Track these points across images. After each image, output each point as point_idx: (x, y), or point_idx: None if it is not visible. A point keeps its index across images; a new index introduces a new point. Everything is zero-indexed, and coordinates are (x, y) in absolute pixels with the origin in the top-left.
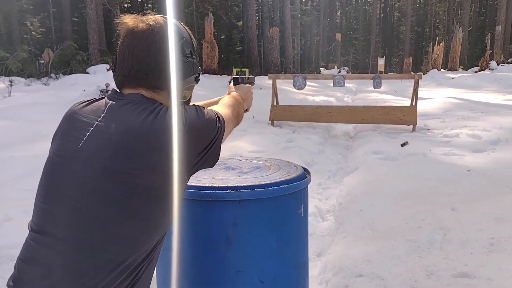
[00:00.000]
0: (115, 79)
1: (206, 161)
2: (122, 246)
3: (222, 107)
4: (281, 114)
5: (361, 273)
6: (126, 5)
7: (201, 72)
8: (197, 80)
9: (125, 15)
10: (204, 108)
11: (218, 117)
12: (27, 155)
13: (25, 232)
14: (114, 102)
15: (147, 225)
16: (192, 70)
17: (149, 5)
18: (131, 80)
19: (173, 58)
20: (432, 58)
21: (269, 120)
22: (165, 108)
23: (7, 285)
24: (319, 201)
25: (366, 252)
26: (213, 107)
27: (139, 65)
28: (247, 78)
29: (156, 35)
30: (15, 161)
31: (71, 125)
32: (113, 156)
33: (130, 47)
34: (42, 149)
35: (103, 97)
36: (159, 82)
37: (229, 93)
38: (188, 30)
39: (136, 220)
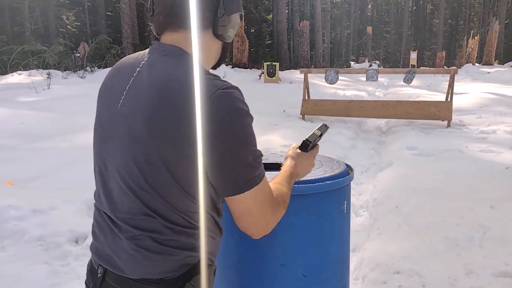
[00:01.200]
0: (155, 23)
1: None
2: (170, 210)
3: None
4: (313, 108)
5: (398, 269)
6: None
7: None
8: (241, 18)
9: None
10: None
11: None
12: (68, 146)
13: (71, 221)
14: (153, 52)
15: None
16: (238, 6)
17: None
18: (174, 19)
19: None
20: (466, 52)
21: (301, 114)
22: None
23: (90, 247)
24: (353, 197)
25: (403, 248)
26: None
27: (180, 1)
28: (319, 137)
29: None
30: (57, 151)
31: (110, 85)
32: (145, 115)
33: None
34: (82, 140)
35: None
36: (204, 19)
37: (290, 161)
38: None
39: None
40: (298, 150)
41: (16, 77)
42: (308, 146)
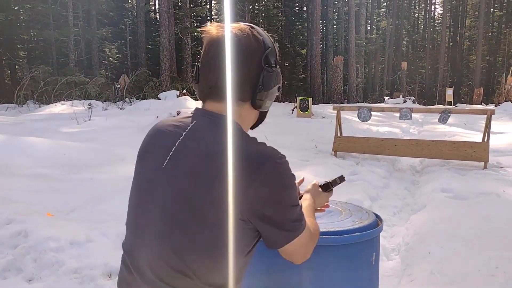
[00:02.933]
0: (199, 91)
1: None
2: (210, 270)
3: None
4: (345, 145)
5: None
6: (196, 34)
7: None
8: (279, 89)
9: (209, 24)
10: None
11: (302, 216)
12: (107, 178)
13: (105, 255)
14: (197, 121)
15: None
16: (276, 80)
17: None
18: (217, 91)
19: (257, 69)
20: (505, 89)
21: (332, 150)
22: (251, 141)
23: None
24: (384, 239)
25: None
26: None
27: (225, 75)
28: (337, 184)
29: (242, 45)
30: (95, 183)
31: (155, 143)
32: (196, 175)
33: (215, 57)
34: (119, 172)
35: (187, 116)
36: (245, 93)
37: (311, 196)
38: (272, 39)
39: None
40: (320, 189)
41: (59, 107)
42: (328, 188)
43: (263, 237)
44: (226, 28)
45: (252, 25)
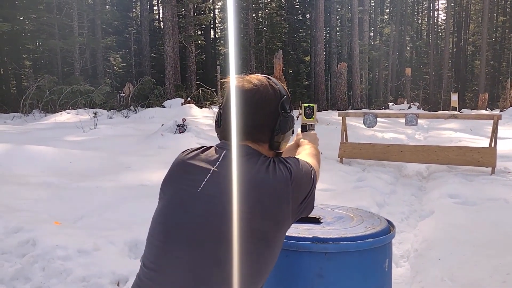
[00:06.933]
0: (220, 132)
1: (305, 209)
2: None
3: (309, 157)
4: (351, 151)
5: None
6: (200, 42)
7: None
8: (293, 133)
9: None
10: (299, 159)
11: (312, 168)
12: (113, 186)
13: (113, 263)
14: (227, 151)
15: (259, 267)
16: (291, 124)
17: (221, 42)
18: (239, 135)
19: (275, 115)
20: (510, 94)
21: (338, 157)
22: (276, 160)
23: None
24: (393, 246)
25: None
26: (299, 156)
27: (246, 120)
28: (311, 125)
29: (261, 94)
30: (101, 191)
31: (186, 171)
32: (232, 201)
33: (237, 104)
34: (125, 180)
35: (211, 146)
36: (263, 136)
37: (298, 139)
38: (285, 88)
39: (251, 261)
40: (300, 131)
41: (65, 116)
42: (305, 127)
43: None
44: (247, 80)
45: (269, 76)
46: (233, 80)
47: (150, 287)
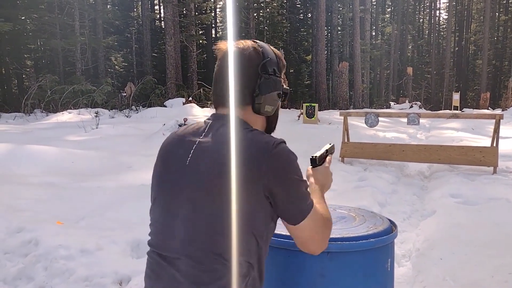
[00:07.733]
0: (212, 100)
1: (277, 207)
2: (239, 252)
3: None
4: (352, 151)
5: None
6: (201, 42)
7: (288, 91)
8: (279, 96)
9: (220, 42)
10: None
11: (310, 200)
12: (114, 185)
13: (116, 262)
14: (212, 121)
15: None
16: (274, 86)
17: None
18: (223, 99)
19: (251, 76)
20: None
21: (340, 157)
22: (258, 132)
23: None
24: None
25: None
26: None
27: (227, 84)
28: (325, 152)
29: (241, 56)
30: (103, 191)
31: (174, 146)
32: (219, 171)
33: (221, 69)
34: (127, 180)
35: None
36: (246, 97)
37: (307, 176)
38: (277, 52)
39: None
40: (310, 167)
41: (66, 116)
42: (314, 161)
43: (280, 216)
44: (229, 43)
45: (258, 41)
46: (222, 46)
47: (158, 264)
